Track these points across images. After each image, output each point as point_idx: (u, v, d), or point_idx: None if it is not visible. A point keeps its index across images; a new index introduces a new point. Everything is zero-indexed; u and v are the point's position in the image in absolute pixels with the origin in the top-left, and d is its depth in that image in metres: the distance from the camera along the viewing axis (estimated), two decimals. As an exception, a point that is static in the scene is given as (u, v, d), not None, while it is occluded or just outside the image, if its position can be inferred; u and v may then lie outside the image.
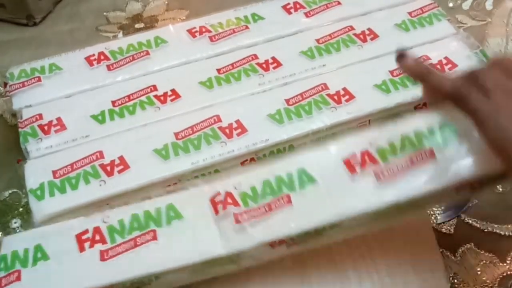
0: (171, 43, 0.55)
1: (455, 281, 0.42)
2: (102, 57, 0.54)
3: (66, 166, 0.45)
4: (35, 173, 0.45)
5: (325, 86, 0.50)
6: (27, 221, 0.47)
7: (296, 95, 0.49)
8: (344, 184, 0.37)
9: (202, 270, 0.37)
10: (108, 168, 0.45)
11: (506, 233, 0.45)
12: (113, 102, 0.50)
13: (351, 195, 0.36)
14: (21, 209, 0.49)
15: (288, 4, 0.59)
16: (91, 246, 0.37)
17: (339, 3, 0.58)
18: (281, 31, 0.56)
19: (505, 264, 0.43)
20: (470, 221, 0.46)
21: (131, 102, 0.50)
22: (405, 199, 0.35)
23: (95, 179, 0.44)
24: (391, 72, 0.50)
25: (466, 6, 0.65)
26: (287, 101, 0.49)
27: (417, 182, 0.35)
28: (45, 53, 0.57)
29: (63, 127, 0.48)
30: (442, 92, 0.36)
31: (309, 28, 0.56)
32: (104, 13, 0.68)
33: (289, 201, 0.37)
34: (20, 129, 0.49)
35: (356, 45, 0.54)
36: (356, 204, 0.36)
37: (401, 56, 0.39)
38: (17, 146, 0.48)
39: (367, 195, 0.36)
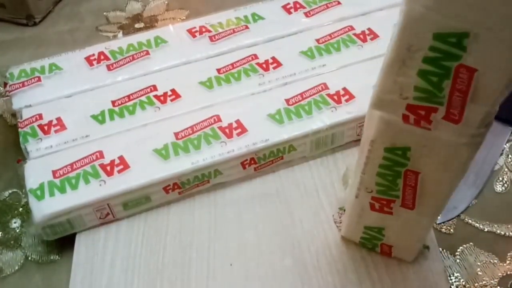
0: (171, 43, 0.55)
1: (455, 281, 0.42)
2: (102, 57, 0.54)
3: (66, 166, 0.45)
4: (35, 173, 0.45)
5: (325, 86, 0.50)
6: (27, 221, 0.47)
7: (296, 95, 0.49)
8: None
9: None
10: (108, 168, 0.45)
11: (506, 233, 0.45)
12: (113, 102, 0.50)
13: None
14: (21, 209, 0.49)
15: (288, 4, 0.59)
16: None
17: (339, 3, 0.58)
18: (281, 31, 0.56)
19: (505, 264, 0.43)
20: (470, 221, 0.46)
21: (131, 102, 0.50)
22: None
23: (95, 179, 0.44)
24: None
25: (466, 6, 0.65)
26: (287, 101, 0.49)
27: None
28: (45, 53, 0.57)
29: (63, 127, 0.48)
30: None
31: (309, 28, 0.56)
32: (104, 13, 0.68)
33: None
34: (20, 129, 0.49)
35: (356, 45, 0.54)
36: None
37: None
38: (17, 146, 0.48)
39: None
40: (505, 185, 0.48)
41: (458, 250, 0.44)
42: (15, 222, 0.48)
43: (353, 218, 0.40)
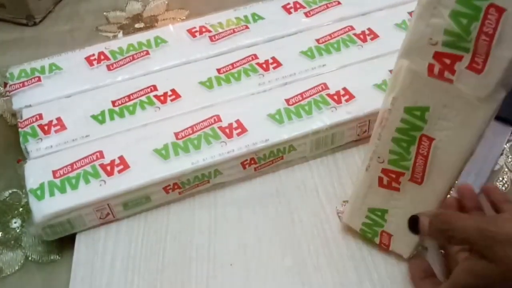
0: (171, 43, 0.55)
1: (455, 281, 0.42)
2: (102, 57, 0.54)
3: (66, 166, 0.45)
4: (35, 173, 0.45)
5: (325, 86, 0.50)
6: (27, 221, 0.47)
7: (296, 95, 0.49)
8: None
9: None
10: (108, 168, 0.45)
11: (506, 233, 0.45)
12: (113, 102, 0.50)
13: None
14: (21, 209, 0.49)
15: (288, 4, 0.59)
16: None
17: (339, 3, 0.58)
18: (281, 31, 0.56)
19: (505, 264, 0.43)
20: (470, 221, 0.46)
21: (131, 102, 0.50)
22: None
23: (95, 179, 0.44)
24: (391, 71, 0.50)
25: (466, 6, 0.65)
26: (287, 101, 0.49)
27: None
28: (45, 53, 0.57)
29: (63, 127, 0.49)
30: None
31: (309, 28, 0.56)
32: (104, 13, 0.68)
33: None
34: (20, 129, 0.49)
35: (356, 45, 0.54)
36: None
37: (414, 223, 0.36)
38: (17, 146, 0.48)
39: None
40: (505, 185, 0.48)
41: (458, 250, 0.44)
42: (15, 222, 0.48)
43: (358, 198, 0.40)
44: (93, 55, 0.55)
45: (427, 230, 0.35)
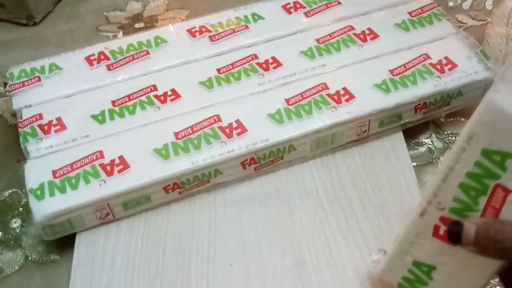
0: (171, 43, 0.55)
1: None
2: (102, 57, 0.54)
3: (66, 166, 0.45)
4: (35, 173, 0.45)
5: (325, 86, 0.50)
6: (27, 221, 0.47)
7: (296, 95, 0.49)
8: None
9: None
10: (108, 168, 0.45)
11: (506, 233, 0.45)
12: (113, 102, 0.50)
13: None
14: (21, 209, 0.49)
15: (288, 4, 0.59)
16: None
17: (339, 3, 0.58)
18: (281, 31, 0.56)
19: (505, 264, 0.43)
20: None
21: (131, 102, 0.50)
22: None
23: (95, 179, 0.44)
24: (391, 71, 0.50)
25: (466, 6, 0.65)
26: (287, 101, 0.49)
27: None
28: (45, 53, 0.57)
29: (63, 127, 0.49)
30: None
31: (309, 28, 0.56)
32: (104, 13, 0.68)
33: None
34: (20, 129, 0.49)
35: (356, 45, 0.54)
36: None
37: (456, 230, 0.30)
38: (17, 146, 0.48)
39: None
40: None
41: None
42: (15, 222, 0.48)
43: (402, 248, 0.35)
44: (93, 55, 0.54)
45: (472, 240, 0.29)
